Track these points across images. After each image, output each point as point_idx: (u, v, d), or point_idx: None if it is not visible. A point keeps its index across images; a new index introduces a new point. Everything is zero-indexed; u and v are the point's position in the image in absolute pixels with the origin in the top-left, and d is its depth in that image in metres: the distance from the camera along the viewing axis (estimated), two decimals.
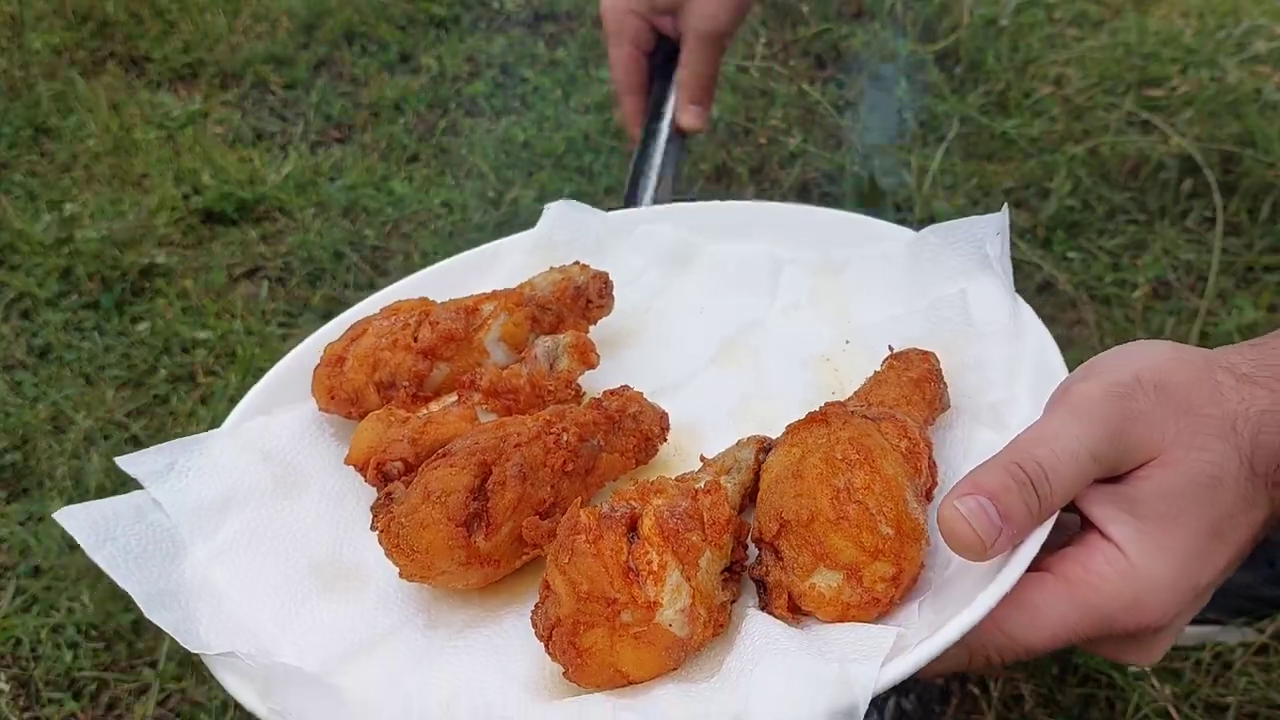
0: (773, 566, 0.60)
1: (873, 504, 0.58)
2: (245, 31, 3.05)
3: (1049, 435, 0.57)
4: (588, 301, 0.89)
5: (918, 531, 0.59)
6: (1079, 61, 2.65)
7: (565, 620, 0.57)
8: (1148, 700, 1.39)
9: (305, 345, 0.88)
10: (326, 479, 0.78)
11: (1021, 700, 1.42)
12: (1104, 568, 0.57)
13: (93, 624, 1.54)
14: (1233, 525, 0.59)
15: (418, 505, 0.64)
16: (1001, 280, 0.77)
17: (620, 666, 0.57)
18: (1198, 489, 0.58)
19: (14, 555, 1.64)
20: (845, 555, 0.57)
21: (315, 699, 0.60)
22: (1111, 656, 0.62)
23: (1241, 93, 2.44)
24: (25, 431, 1.84)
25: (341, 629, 0.67)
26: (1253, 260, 2.06)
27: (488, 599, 0.68)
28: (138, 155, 2.53)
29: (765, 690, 0.53)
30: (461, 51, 2.95)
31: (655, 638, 0.57)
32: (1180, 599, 0.59)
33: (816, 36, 2.90)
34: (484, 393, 0.77)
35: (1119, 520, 0.58)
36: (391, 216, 2.31)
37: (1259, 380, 0.60)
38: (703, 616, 0.58)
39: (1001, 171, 2.31)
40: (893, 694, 1.45)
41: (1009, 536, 0.56)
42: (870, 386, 0.73)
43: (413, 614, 0.68)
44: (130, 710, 1.46)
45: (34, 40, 2.96)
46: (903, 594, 0.59)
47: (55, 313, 2.09)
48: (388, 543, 0.65)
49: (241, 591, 0.69)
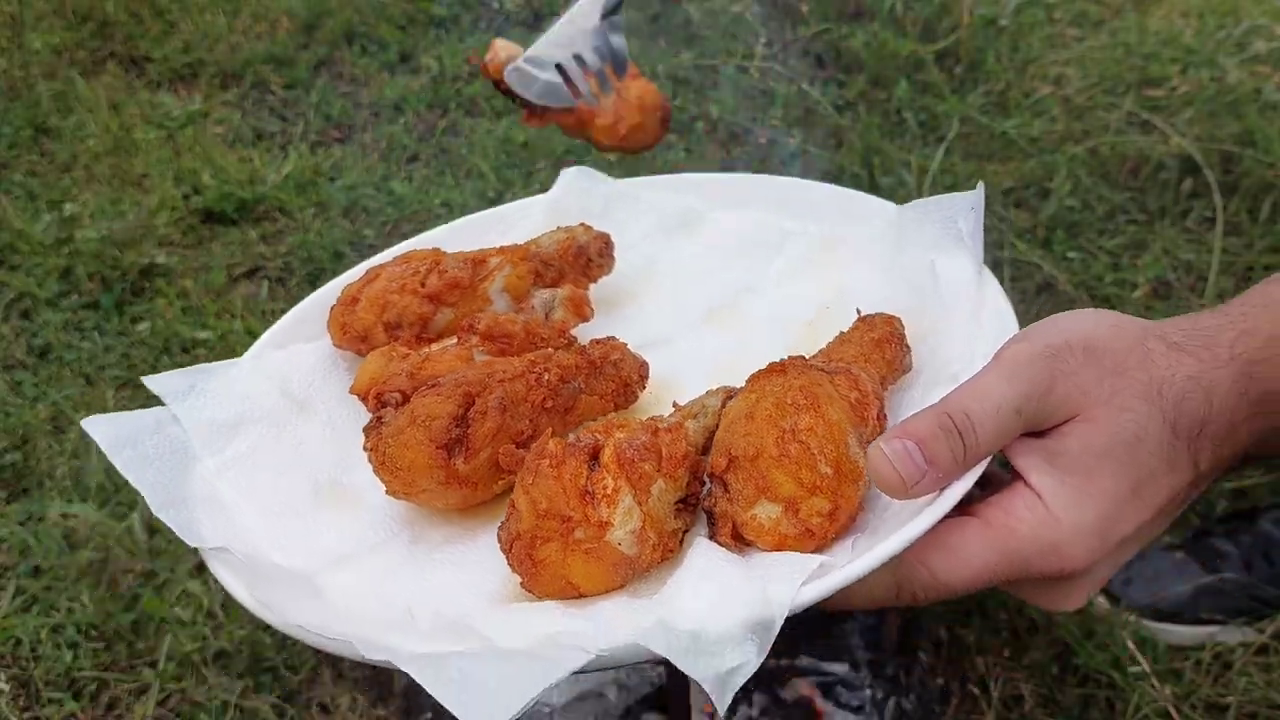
0: (720, 498, 0.65)
1: (814, 445, 0.62)
2: (245, 31, 3.05)
3: (978, 389, 0.61)
4: (589, 260, 0.94)
5: (856, 474, 0.63)
6: (1079, 61, 2.65)
7: (524, 534, 0.63)
8: (1148, 700, 1.39)
9: (326, 288, 0.95)
10: (333, 407, 0.85)
11: (1021, 700, 1.43)
12: (1024, 513, 0.61)
13: (93, 624, 1.54)
14: (1153, 484, 0.62)
15: (404, 427, 0.70)
16: (971, 253, 0.81)
17: (571, 578, 0.63)
18: (1119, 446, 0.61)
19: (14, 555, 1.64)
20: (784, 489, 0.62)
21: (298, 596, 0.66)
22: (1032, 600, 0.66)
23: (1241, 93, 2.44)
24: (25, 431, 1.84)
25: (331, 540, 0.73)
26: (1253, 260, 2.06)
27: (466, 520, 0.74)
28: (138, 155, 2.53)
29: (690, 600, 0.58)
30: (461, 51, 2.95)
31: (604, 554, 0.62)
32: (1096, 549, 0.61)
33: (816, 36, 2.90)
34: (481, 335, 0.83)
35: (1041, 470, 0.61)
36: (391, 216, 2.31)
37: (1187, 349, 0.63)
38: (652, 540, 0.64)
39: (1001, 171, 2.31)
40: (893, 694, 1.45)
41: (933, 479, 0.60)
42: (834, 345, 0.78)
43: (398, 530, 0.74)
44: (130, 710, 1.46)
45: (34, 40, 2.96)
46: (838, 530, 0.63)
47: (55, 313, 2.09)
48: (375, 460, 0.72)
49: (243, 501, 0.75)
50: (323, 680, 1.50)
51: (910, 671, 1.48)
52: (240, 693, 1.46)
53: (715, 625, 0.55)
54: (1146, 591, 1.49)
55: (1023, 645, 1.48)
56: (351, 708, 1.46)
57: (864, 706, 1.43)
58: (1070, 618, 1.49)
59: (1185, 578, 1.49)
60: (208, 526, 0.71)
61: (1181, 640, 1.48)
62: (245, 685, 1.47)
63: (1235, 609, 1.47)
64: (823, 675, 1.46)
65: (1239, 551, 1.50)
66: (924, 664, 1.49)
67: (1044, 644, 1.48)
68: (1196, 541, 1.54)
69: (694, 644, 0.55)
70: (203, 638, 1.52)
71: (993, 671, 1.45)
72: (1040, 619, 1.50)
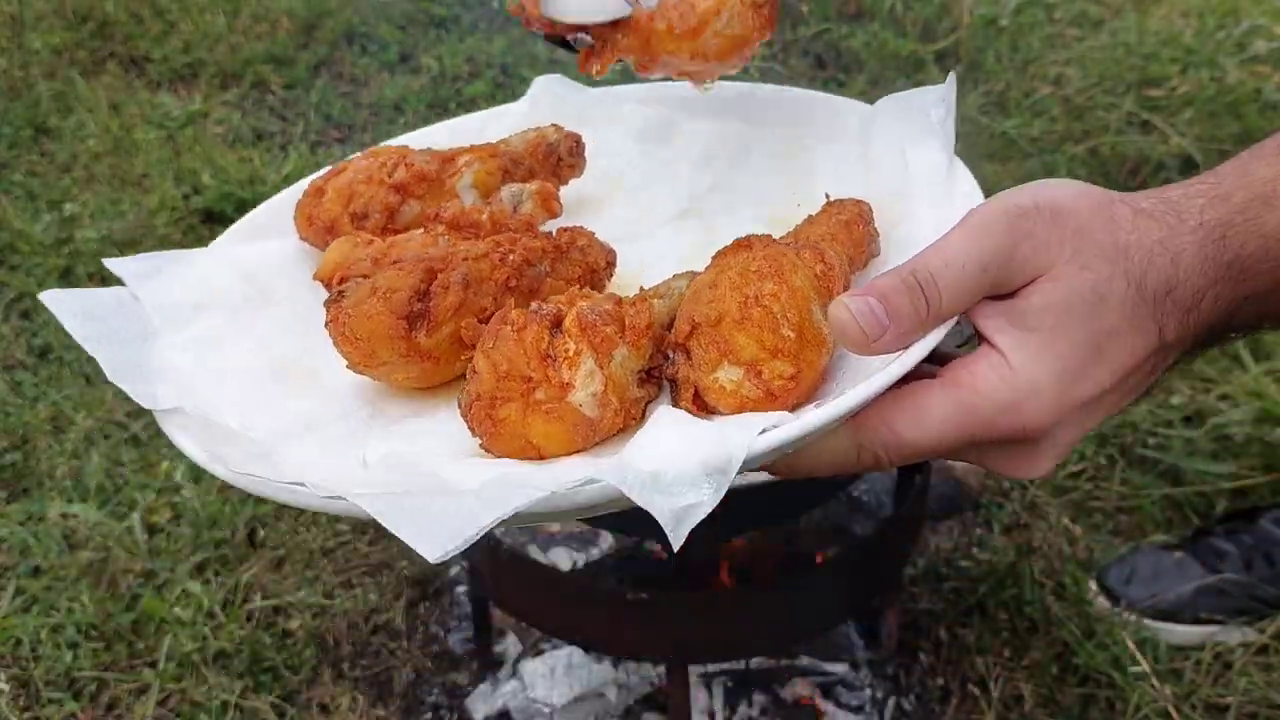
0: (682, 364, 0.65)
1: (777, 309, 0.63)
2: (245, 31, 3.05)
3: (943, 249, 0.62)
4: (558, 159, 0.94)
5: (820, 340, 0.63)
6: (1079, 61, 2.65)
7: (484, 395, 0.63)
8: (1148, 700, 1.39)
9: (293, 188, 0.94)
10: (296, 297, 0.84)
11: (1021, 700, 1.43)
12: (987, 372, 0.61)
13: (93, 624, 1.54)
14: (1115, 344, 0.62)
15: (364, 298, 0.70)
16: (942, 143, 0.81)
17: (531, 438, 0.62)
18: (1081, 304, 0.61)
19: (14, 555, 1.64)
20: (747, 352, 0.62)
21: (252, 456, 0.65)
22: (997, 468, 0.65)
23: (1241, 93, 2.44)
24: (25, 431, 1.84)
25: (288, 414, 0.73)
26: None
27: (427, 397, 0.73)
28: (138, 155, 2.53)
29: (649, 447, 0.58)
30: (461, 51, 2.95)
31: (565, 415, 0.62)
32: (1058, 408, 0.61)
33: (816, 36, 2.90)
34: (447, 224, 0.83)
35: (1004, 330, 0.61)
36: None
37: (1154, 215, 0.63)
38: (614, 405, 0.63)
39: (1001, 171, 2.31)
40: (893, 694, 1.45)
41: (895, 335, 0.60)
42: (802, 226, 0.78)
43: (357, 407, 0.73)
44: (130, 710, 1.46)
45: (34, 40, 2.96)
46: (801, 396, 0.63)
47: None
48: (335, 332, 0.71)
49: (201, 376, 0.75)
50: (323, 680, 1.50)
51: (910, 671, 1.48)
52: (240, 693, 1.46)
53: (673, 467, 0.55)
54: (1146, 591, 1.49)
55: (1023, 645, 1.48)
56: (351, 708, 1.46)
57: (864, 706, 1.43)
58: (1070, 617, 1.49)
59: (1185, 578, 1.49)
60: (164, 393, 0.71)
61: (1181, 640, 1.48)
62: (245, 685, 1.47)
63: (1235, 609, 1.47)
64: (823, 675, 1.46)
65: (1239, 551, 1.50)
66: (924, 664, 1.49)
67: (1044, 644, 1.48)
68: (1196, 541, 1.54)
69: (652, 481, 0.55)
70: (203, 638, 1.52)
71: (993, 671, 1.45)
72: (1040, 619, 1.50)
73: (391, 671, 1.52)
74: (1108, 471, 1.71)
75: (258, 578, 1.61)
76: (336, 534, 1.68)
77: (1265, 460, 1.68)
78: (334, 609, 1.58)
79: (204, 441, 0.66)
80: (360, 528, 1.70)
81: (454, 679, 1.52)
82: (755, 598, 1.28)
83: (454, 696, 1.50)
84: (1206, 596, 1.48)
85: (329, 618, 1.57)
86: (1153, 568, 1.52)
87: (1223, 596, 1.48)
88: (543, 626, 1.36)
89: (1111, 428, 1.76)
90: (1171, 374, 1.83)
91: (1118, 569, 1.53)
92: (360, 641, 1.55)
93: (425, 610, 1.60)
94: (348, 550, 1.67)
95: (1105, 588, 1.52)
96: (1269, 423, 1.72)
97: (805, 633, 1.40)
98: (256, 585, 1.60)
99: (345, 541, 1.67)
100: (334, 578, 1.62)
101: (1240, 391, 1.78)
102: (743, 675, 1.45)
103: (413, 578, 1.63)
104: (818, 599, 1.27)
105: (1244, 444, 1.71)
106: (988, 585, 1.55)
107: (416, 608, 1.61)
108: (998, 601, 1.53)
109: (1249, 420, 1.73)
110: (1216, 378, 1.83)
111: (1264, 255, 0.63)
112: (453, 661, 1.54)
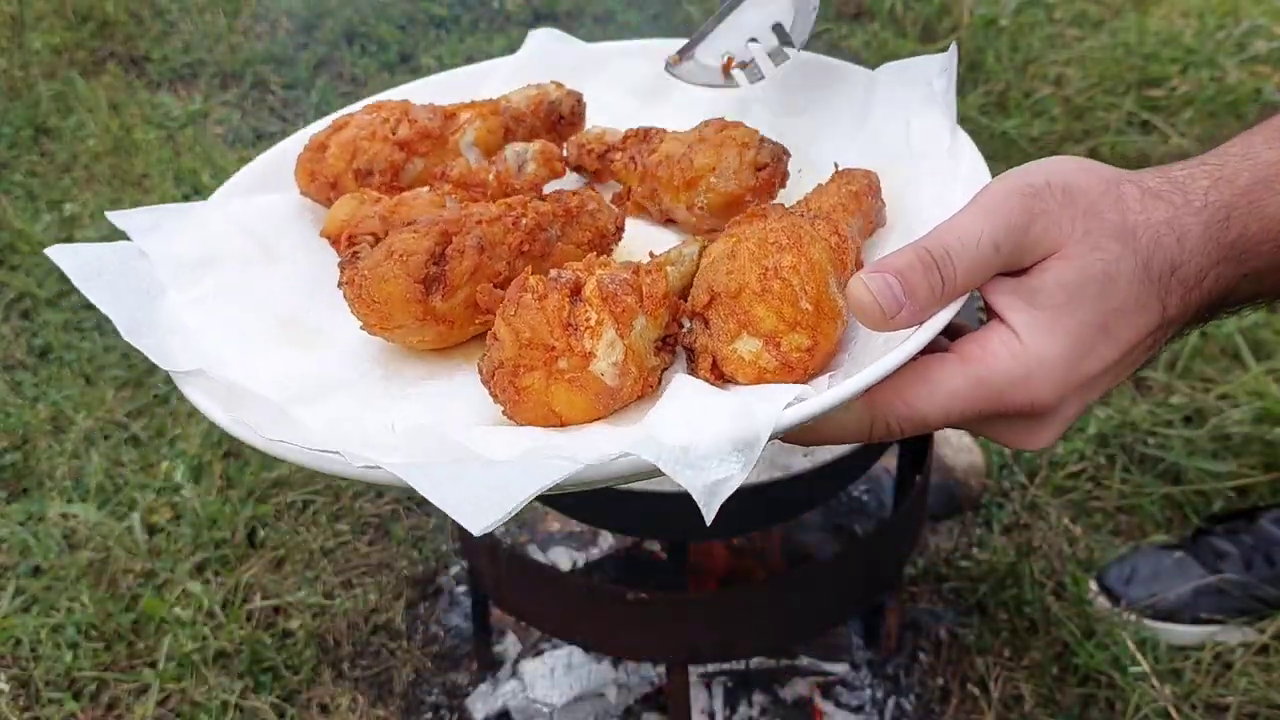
0: (700, 334, 0.66)
1: (796, 282, 0.64)
2: (245, 31, 3.05)
3: (957, 226, 0.63)
4: (560, 118, 0.94)
5: (836, 313, 0.65)
6: (1079, 61, 2.65)
7: (507, 363, 0.64)
8: (1148, 700, 1.39)
9: (289, 140, 0.92)
10: (301, 254, 0.84)
11: (1021, 700, 1.43)
12: (998, 347, 0.62)
13: (93, 624, 1.54)
14: (1122, 322, 0.63)
15: (380, 261, 0.70)
16: (944, 111, 0.82)
17: (554, 406, 0.63)
18: (1092, 283, 0.63)
19: (14, 555, 1.64)
20: (766, 324, 0.63)
21: (274, 420, 0.65)
22: (1003, 440, 0.67)
23: (1241, 93, 2.44)
24: (25, 431, 1.84)
25: (303, 376, 0.72)
26: None
27: (443, 360, 0.73)
28: (138, 155, 2.53)
29: (676, 421, 0.59)
30: (461, 51, 2.95)
31: (588, 384, 0.63)
32: (1067, 382, 0.63)
33: (816, 36, 2.90)
34: (453, 183, 0.83)
35: (1016, 308, 0.63)
36: None
37: (1161, 194, 0.65)
38: (634, 373, 0.64)
39: (1003, 171, 2.31)
40: (893, 694, 1.45)
41: (911, 311, 0.62)
42: (812, 196, 0.78)
43: (371, 368, 0.73)
44: (130, 710, 1.46)
45: (34, 40, 2.96)
46: (817, 367, 0.64)
47: (55, 313, 2.09)
48: (351, 294, 0.71)
49: (210, 337, 0.74)
50: (323, 680, 1.50)
51: (910, 671, 1.48)
52: (240, 693, 1.46)
53: (702, 441, 0.56)
54: (1146, 591, 1.49)
55: (1023, 645, 1.48)
56: (351, 708, 1.46)
57: (864, 706, 1.43)
58: (1070, 617, 1.49)
59: (1185, 578, 1.49)
60: (180, 353, 0.70)
61: (1181, 640, 1.48)
62: (245, 685, 1.47)
63: (1235, 609, 1.47)
64: (823, 675, 1.46)
65: (1239, 551, 1.50)
66: (924, 664, 1.49)
67: (1044, 644, 1.48)
68: (1196, 541, 1.54)
69: (683, 456, 0.55)
70: (203, 638, 1.52)
71: (993, 671, 1.45)
72: (1040, 619, 1.50)
73: (391, 671, 1.52)
74: (1108, 471, 1.71)
75: (258, 578, 1.61)
76: (336, 534, 1.68)
77: (1265, 460, 1.68)
78: (334, 609, 1.58)
79: (227, 405, 0.65)
80: (360, 528, 1.70)
81: (454, 679, 1.52)
82: (755, 598, 1.28)
83: (454, 696, 1.49)
84: (1206, 596, 1.48)
85: (329, 618, 1.57)
86: (1153, 568, 1.52)
87: (1223, 596, 1.48)
88: (543, 626, 1.36)
89: (1112, 428, 1.76)
90: (1172, 375, 1.83)
91: (1118, 569, 1.53)
92: (360, 641, 1.55)
93: (425, 610, 1.60)
94: (348, 550, 1.67)
95: (1105, 588, 1.52)
96: (1269, 422, 1.72)
97: (805, 633, 1.40)
98: (256, 585, 1.60)
99: (345, 541, 1.67)
100: (334, 578, 1.62)
101: (1240, 391, 1.78)
102: (743, 675, 1.45)
103: (413, 578, 1.63)
104: (818, 599, 1.27)
105: (1244, 443, 1.71)
106: (988, 585, 1.55)
107: (416, 608, 1.61)
108: (998, 601, 1.53)
109: (1249, 420, 1.73)
110: (1216, 378, 1.83)
111: (1265, 237, 0.65)
112: (453, 661, 1.54)
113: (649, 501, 1.15)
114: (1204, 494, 1.66)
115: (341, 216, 0.80)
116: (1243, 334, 1.87)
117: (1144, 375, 1.85)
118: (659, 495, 1.17)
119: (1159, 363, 1.85)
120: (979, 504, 1.68)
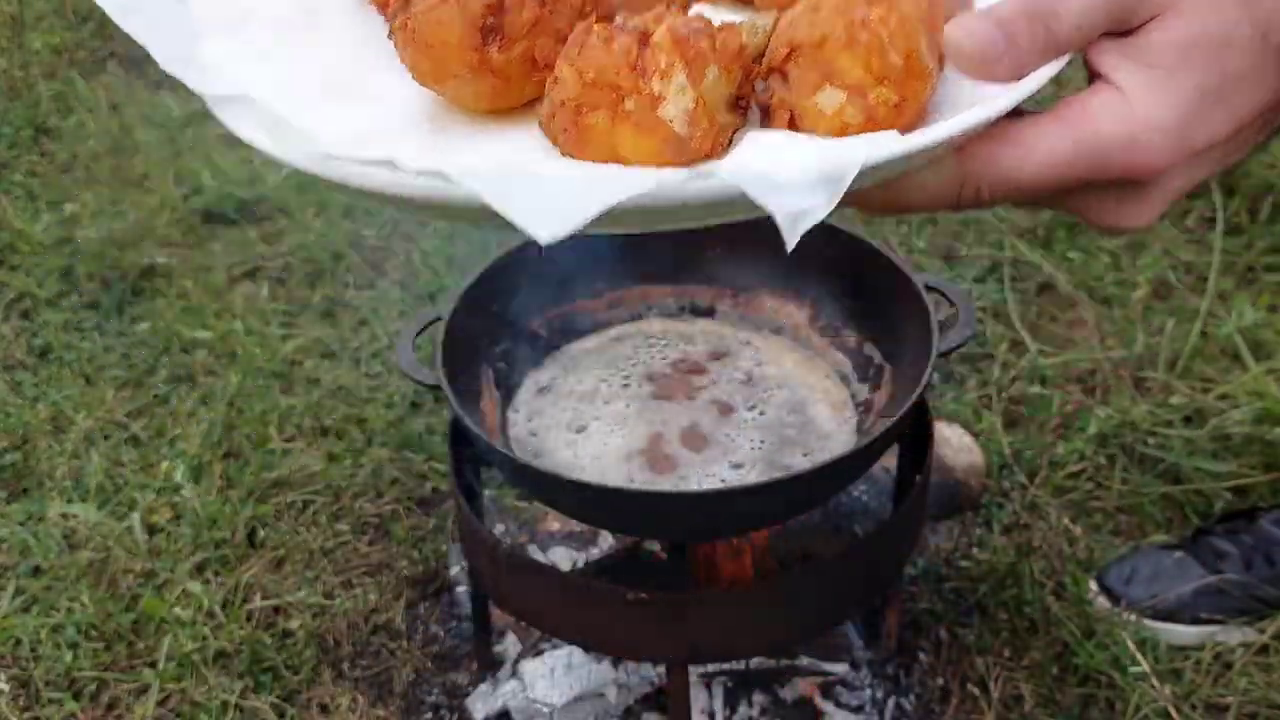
0: (778, 88, 0.62)
1: (885, 35, 0.59)
2: None
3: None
4: None
5: (925, 73, 0.60)
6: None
7: (569, 102, 0.60)
8: (1148, 700, 1.39)
9: None
10: (347, 18, 0.80)
11: (1021, 700, 1.43)
12: (1102, 108, 0.58)
13: (93, 624, 1.54)
14: (1238, 91, 0.58)
15: (436, 4, 0.66)
16: None
17: (618, 148, 0.59)
18: (1207, 43, 0.58)
19: (14, 555, 1.64)
20: (852, 75, 0.59)
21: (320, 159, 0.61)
22: (1098, 217, 0.62)
23: None
24: (25, 431, 1.84)
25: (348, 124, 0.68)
26: (1253, 260, 2.06)
27: (493, 121, 0.70)
28: (138, 155, 2.53)
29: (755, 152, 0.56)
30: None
31: (655, 128, 0.59)
32: (1176, 149, 0.58)
33: None
34: None
35: (1123, 68, 0.58)
36: (392, 216, 2.31)
37: None
38: (704, 125, 0.60)
39: None
40: (893, 694, 1.45)
41: (1012, 61, 0.58)
42: None
43: (420, 122, 0.70)
44: (130, 710, 1.46)
45: (34, 40, 2.96)
46: (903, 127, 0.59)
47: (55, 313, 2.09)
48: (404, 39, 0.67)
49: (254, 86, 0.70)
50: (323, 680, 1.50)
51: (910, 671, 1.48)
52: (240, 693, 1.46)
53: (787, 170, 0.53)
54: (1146, 591, 1.49)
55: (1023, 645, 1.48)
56: (351, 708, 1.46)
57: (864, 706, 1.43)
58: (1070, 617, 1.49)
59: (1185, 578, 1.49)
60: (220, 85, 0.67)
61: (1181, 640, 1.48)
62: (245, 685, 1.47)
63: (1235, 609, 1.47)
64: (823, 675, 1.46)
65: (1239, 551, 1.50)
66: (924, 664, 1.49)
67: (1044, 644, 1.48)
68: (1196, 541, 1.54)
69: (767, 181, 0.52)
70: (203, 638, 1.52)
71: (993, 671, 1.45)
72: (1040, 619, 1.50)
73: (391, 671, 1.52)
74: (1108, 471, 1.71)
75: (258, 578, 1.61)
76: (336, 534, 1.68)
77: (1265, 460, 1.68)
78: (334, 609, 1.58)
79: (269, 128, 0.63)
80: (360, 528, 1.70)
81: (454, 679, 1.52)
82: (755, 598, 1.28)
83: (454, 696, 1.50)
84: (1206, 596, 1.48)
85: (329, 618, 1.57)
86: (1153, 568, 1.52)
87: (1223, 596, 1.48)
88: (543, 626, 1.36)
89: (1112, 428, 1.76)
90: (1172, 375, 1.83)
91: (1118, 569, 1.53)
92: (360, 641, 1.55)
93: (425, 610, 1.60)
94: (348, 550, 1.67)
95: (1105, 588, 1.52)
96: (1269, 422, 1.72)
97: (805, 633, 1.40)
98: (256, 585, 1.60)
99: (345, 541, 1.68)
100: (334, 578, 1.62)
101: (1240, 391, 1.78)
102: (743, 675, 1.45)
103: (413, 578, 1.63)
104: (818, 599, 1.27)
105: (1244, 444, 1.71)
106: (988, 585, 1.55)
107: (416, 608, 1.61)
108: (998, 601, 1.53)
109: (1249, 420, 1.73)
110: (1216, 378, 1.83)
111: None
112: (453, 661, 1.54)
113: (649, 501, 1.15)
114: (1204, 494, 1.66)
115: None
116: (1242, 334, 1.87)
117: (1143, 375, 1.85)
118: (659, 495, 1.16)
119: (1159, 363, 1.85)
120: (979, 504, 1.68)
